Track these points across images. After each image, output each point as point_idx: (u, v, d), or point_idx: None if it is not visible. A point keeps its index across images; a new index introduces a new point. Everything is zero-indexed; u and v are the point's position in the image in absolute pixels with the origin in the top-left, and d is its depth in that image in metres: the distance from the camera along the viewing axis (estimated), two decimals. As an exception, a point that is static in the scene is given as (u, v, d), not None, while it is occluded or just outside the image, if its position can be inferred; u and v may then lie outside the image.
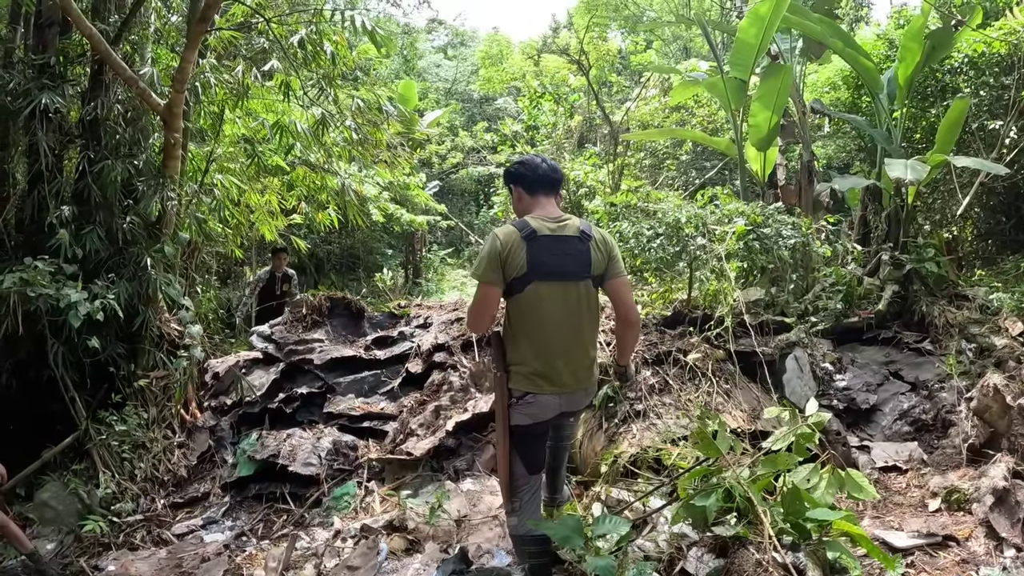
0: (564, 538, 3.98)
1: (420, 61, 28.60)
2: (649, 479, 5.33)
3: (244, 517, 6.55)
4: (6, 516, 5.97)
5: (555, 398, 3.90)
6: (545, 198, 4.00)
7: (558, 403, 3.93)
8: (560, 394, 3.90)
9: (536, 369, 3.85)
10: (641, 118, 15.79)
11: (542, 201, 3.99)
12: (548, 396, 3.88)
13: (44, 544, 6.24)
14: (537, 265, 3.75)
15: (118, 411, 7.19)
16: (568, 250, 3.83)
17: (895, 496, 5.97)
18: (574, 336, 3.90)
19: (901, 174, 8.52)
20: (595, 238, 3.94)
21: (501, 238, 3.80)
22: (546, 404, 3.90)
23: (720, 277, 7.22)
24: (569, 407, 4.04)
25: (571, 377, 3.92)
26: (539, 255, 3.75)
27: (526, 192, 4.02)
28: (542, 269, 3.76)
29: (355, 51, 10.10)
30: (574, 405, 4.09)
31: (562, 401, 3.94)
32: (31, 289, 6.41)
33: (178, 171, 7.67)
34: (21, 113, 7.29)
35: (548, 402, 3.90)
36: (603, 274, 3.96)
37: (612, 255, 4.01)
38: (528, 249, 3.75)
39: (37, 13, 7.79)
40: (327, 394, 7.84)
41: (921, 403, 7.25)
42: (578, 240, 3.87)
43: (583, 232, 3.91)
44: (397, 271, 17.19)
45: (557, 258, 3.80)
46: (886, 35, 13.62)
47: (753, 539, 4.03)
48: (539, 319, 3.81)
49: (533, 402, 3.88)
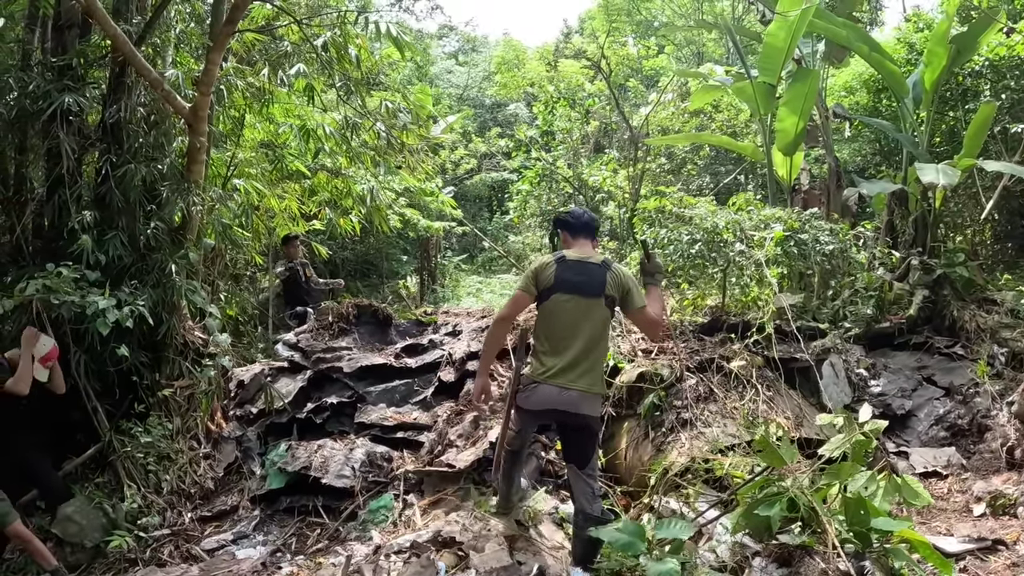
0: (626, 544, 4.23)
1: (432, 67, 28.52)
2: (700, 490, 5.23)
3: (276, 531, 6.36)
4: (30, 532, 5.82)
5: (552, 389, 4.67)
6: (584, 240, 5.02)
7: (556, 395, 4.67)
8: (558, 387, 4.66)
9: (544, 362, 4.75)
10: (660, 122, 15.65)
11: (581, 242, 5.00)
12: (546, 387, 4.69)
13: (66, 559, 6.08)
14: (561, 281, 4.75)
15: (142, 421, 7.04)
16: (588, 272, 4.78)
17: (938, 502, 6.00)
18: (581, 341, 4.70)
19: (933, 178, 8.45)
20: (614, 269, 4.83)
21: (539, 262, 4.96)
22: (544, 394, 4.71)
23: (760, 283, 7.12)
24: (565, 405, 4.67)
25: (571, 374, 4.67)
26: (564, 274, 4.77)
27: (570, 236, 5.05)
28: (564, 285, 4.74)
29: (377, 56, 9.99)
30: (570, 405, 4.67)
31: (559, 395, 4.66)
32: (55, 296, 6.26)
33: (202, 175, 7.54)
34: (40, 116, 7.14)
35: (546, 392, 4.70)
36: (619, 299, 4.79)
37: (628, 288, 4.80)
38: (556, 268, 4.79)
39: (56, 15, 7.67)
40: (357, 404, 7.65)
41: (956, 408, 7.25)
42: (598, 267, 4.81)
43: (604, 261, 4.89)
44: (412, 277, 17.08)
45: (579, 277, 4.76)
46: (905, 38, 13.51)
47: (818, 548, 4.11)
48: (555, 323, 4.76)
49: (535, 390, 4.76)
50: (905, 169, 10.33)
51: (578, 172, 15.43)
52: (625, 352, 7.03)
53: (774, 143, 10.72)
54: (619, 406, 6.60)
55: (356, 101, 8.73)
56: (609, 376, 6.75)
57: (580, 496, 4.78)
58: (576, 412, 4.69)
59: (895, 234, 10.24)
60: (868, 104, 13.87)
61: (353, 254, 15.83)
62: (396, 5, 23.07)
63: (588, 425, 4.79)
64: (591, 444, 4.87)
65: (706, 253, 7.26)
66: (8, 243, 7.56)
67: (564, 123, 16.92)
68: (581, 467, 4.81)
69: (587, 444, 4.84)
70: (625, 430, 6.45)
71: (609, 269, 4.80)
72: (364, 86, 9.18)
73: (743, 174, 16.69)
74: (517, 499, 5.67)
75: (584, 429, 4.79)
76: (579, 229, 5.04)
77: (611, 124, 16.87)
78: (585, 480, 4.78)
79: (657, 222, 7.96)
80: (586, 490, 4.76)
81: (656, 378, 6.43)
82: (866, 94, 13.98)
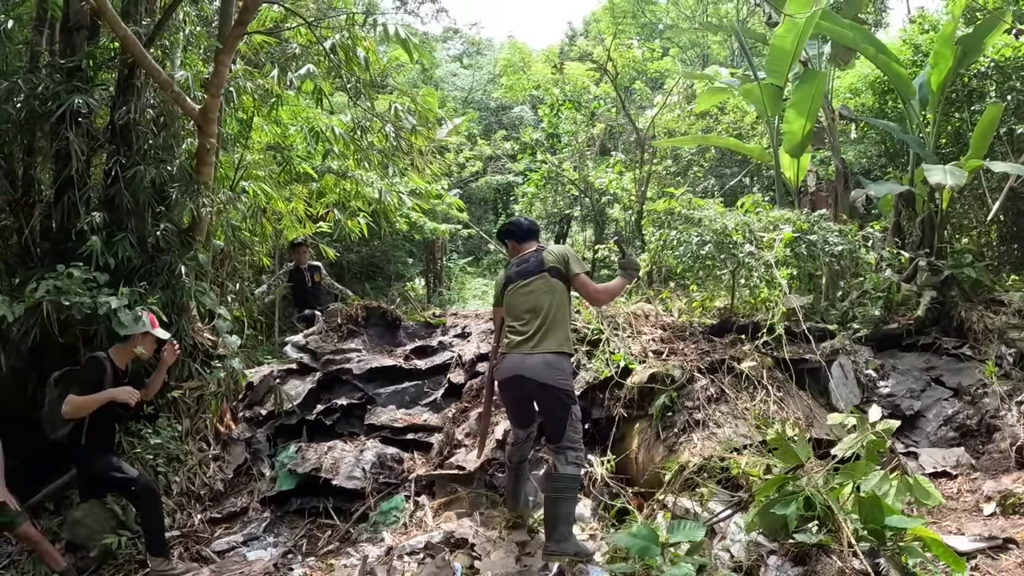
0: (641, 549, 4.28)
1: (436, 70, 28.51)
2: (713, 489, 5.25)
3: (286, 533, 6.34)
4: (39, 534, 5.81)
5: (517, 356, 5.25)
6: (529, 244, 5.73)
7: (520, 362, 5.21)
8: (521, 354, 5.22)
9: (510, 338, 5.39)
10: (666, 125, 15.65)
11: (525, 246, 5.71)
12: (511, 355, 5.31)
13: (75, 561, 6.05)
14: (509, 276, 5.60)
15: (151, 423, 7.02)
16: (527, 260, 5.54)
17: (948, 501, 6.01)
18: (535, 313, 5.28)
19: (941, 179, 8.46)
20: (548, 248, 5.59)
21: (497, 279, 5.94)
22: (509, 362, 5.31)
23: (770, 284, 7.13)
24: (530, 372, 5.14)
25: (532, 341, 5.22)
26: (510, 270, 5.63)
27: (517, 243, 5.78)
28: (512, 277, 5.56)
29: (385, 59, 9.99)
30: (534, 373, 5.13)
31: (523, 360, 5.19)
32: (65, 298, 6.25)
33: (211, 177, 7.53)
34: (49, 117, 7.14)
35: (511, 360, 5.30)
36: (563, 270, 5.40)
37: (566, 257, 5.49)
38: (505, 271, 5.72)
39: (64, 17, 7.66)
40: (367, 405, 7.66)
41: (964, 409, 7.28)
42: (534, 253, 5.57)
43: (538, 247, 5.64)
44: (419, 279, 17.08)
45: (520, 266, 5.55)
46: (911, 39, 13.50)
47: (834, 547, 4.16)
48: (513, 307, 5.45)
49: (503, 360, 5.45)
50: (912, 170, 10.33)
51: (584, 174, 15.43)
52: (636, 353, 7.03)
53: (781, 145, 10.72)
54: (630, 407, 6.60)
55: (365, 103, 8.73)
56: (620, 377, 6.80)
57: (554, 461, 5.15)
58: (541, 381, 5.13)
59: (902, 235, 10.24)
60: (874, 105, 13.86)
61: (359, 256, 15.81)
62: (401, 8, 23.12)
63: (555, 395, 5.11)
64: (562, 415, 5.15)
65: (715, 255, 7.26)
66: (16, 244, 7.55)
67: (569, 126, 16.93)
68: (555, 441, 5.19)
69: (557, 415, 5.17)
70: (636, 431, 6.44)
71: (544, 250, 5.57)
72: (372, 88, 9.18)
73: (748, 176, 16.68)
74: (526, 508, 5.81)
75: (554, 401, 5.17)
76: (523, 236, 5.77)
77: (617, 126, 16.87)
78: (556, 452, 5.14)
79: (667, 224, 7.96)
80: (559, 456, 5.10)
81: (667, 379, 6.42)
82: (872, 95, 13.97)
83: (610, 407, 6.74)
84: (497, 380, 5.57)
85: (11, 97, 7.08)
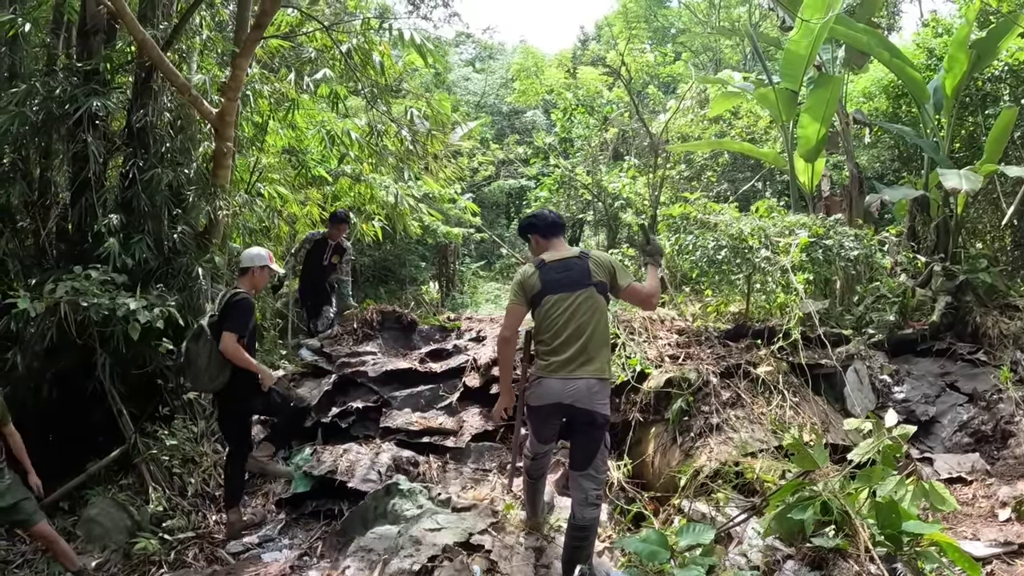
0: (650, 553, 4.27)
1: (449, 74, 28.57)
2: (729, 494, 5.24)
3: (301, 535, 6.34)
4: (55, 532, 5.83)
5: (557, 382, 4.78)
6: (556, 239, 5.18)
7: (560, 388, 4.76)
8: (562, 379, 4.76)
9: (546, 359, 4.86)
10: (679, 129, 15.64)
11: (554, 242, 5.16)
12: (551, 380, 4.80)
13: (89, 561, 6.07)
14: (548, 283, 4.91)
15: (166, 424, 7.06)
16: (571, 267, 4.94)
17: (963, 507, 5.98)
18: (578, 333, 4.80)
19: (956, 184, 8.42)
20: (593, 256, 5.05)
21: (521, 272, 5.12)
22: (549, 387, 4.80)
23: (786, 289, 7.11)
24: (571, 399, 4.74)
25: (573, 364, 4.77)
26: (548, 275, 4.93)
27: (541, 238, 5.20)
28: (552, 285, 4.90)
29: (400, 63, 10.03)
30: (576, 399, 4.74)
31: (564, 386, 4.75)
32: (83, 299, 6.28)
33: (228, 180, 7.57)
34: (66, 120, 7.19)
35: (550, 386, 4.80)
36: (608, 283, 4.96)
37: (612, 269, 5.01)
38: (539, 273, 4.94)
39: (81, 20, 7.72)
40: (382, 408, 7.67)
41: (979, 414, 7.23)
42: (578, 259, 4.98)
43: (582, 253, 5.06)
44: (433, 283, 17.10)
45: (563, 274, 4.92)
46: (924, 43, 13.45)
47: (851, 551, 4.13)
48: (550, 322, 4.87)
49: (540, 384, 4.87)
50: (926, 175, 10.28)
51: (597, 179, 15.43)
52: (652, 358, 7.02)
53: (795, 149, 10.70)
54: (646, 411, 6.60)
55: (381, 107, 8.76)
56: (636, 381, 6.79)
57: (574, 501, 4.84)
58: (582, 407, 4.76)
59: (917, 240, 10.20)
60: (887, 110, 13.79)
61: (372, 259, 15.83)
62: (414, 12, 23.16)
63: (594, 421, 4.80)
64: (595, 443, 4.86)
65: (731, 259, 7.25)
66: (32, 246, 7.61)
67: (582, 130, 16.94)
68: (581, 469, 4.86)
69: (591, 443, 4.86)
70: (653, 435, 6.44)
71: (589, 257, 5.01)
72: (388, 92, 9.22)
73: (761, 181, 16.65)
74: (542, 517, 5.66)
75: (590, 425, 4.82)
76: (548, 230, 5.20)
77: (630, 131, 16.87)
78: (581, 484, 4.83)
79: (682, 228, 7.96)
80: (579, 495, 4.81)
81: (684, 383, 6.42)
82: (885, 100, 13.90)
83: (626, 411, 6.73)
84: (533, 405, 5.01)
85: (28, 100, 7.14)
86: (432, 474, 6.69)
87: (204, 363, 6.03)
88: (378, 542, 5.45)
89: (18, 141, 7.31)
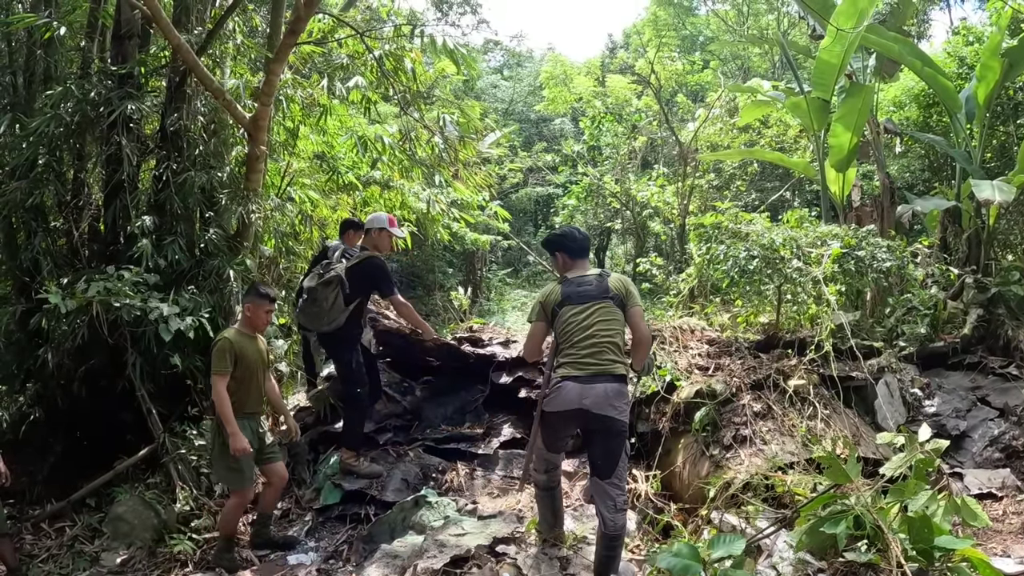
0: (683, 568, 4.12)
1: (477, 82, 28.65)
2: (759, 507, 5.20)
3: (327, 538, 6.34)
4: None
5: (575, 387, 4.83)
6: (581, 260, 5.28)
7: (579, 393, 4.81)
8: (580, 383, 4.83)
9: (565, 365, 4.95)
10: (708, 138, 15.59)
11: (579, 264, 5.26)
12: (569, 384, 4.85)
13: (114, 557, 6.10)
14: (568, 295, 5.08)
15: (195, 425, 7.09)
16: (590, 282, 5.11)
17: (994, 523, 5.90)
18: (596, 339, 4.92)
19: (990, 195, 8.34)
20: (612, 275, 5.23)
21: (542, 292, 5.40)
22: (567, 392, 4.84)
23: (818, 300, 7.05)
24: (589, 405, 4.77)
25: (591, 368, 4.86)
26: (569, 288, 5.10)
27: (569, 258, 5.27)
28: (572, 297, 5.06)
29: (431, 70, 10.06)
30: (594, 405, 4.77)
31: (583, 391, 4.80)
32: (116, 299, 6.33)
33: (260, 184, 7.61)
34: (101, 122, 7.26)
35: (569, 391, 4.84)
36: (624, 298, 5.07)
37: (628, 288, 5.17)
38: (561, 287, 5.14)
39: (116, 25, 7.79)
40: (409, 414, 7.68)
41: (1011, 429, 7.14)
42: (598, 276, 5.15)
43: (601, 272, 5.23)
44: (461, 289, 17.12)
45: (583, 288, 5.07)
46: (955, 52, 13.34)
47: (883, 566, 4.11)
48: (569, 331, 4.99)
49: (558, 389, 4.91)
50: (958, 185, 10.18)
51: (625, 187, 15.40)
52: (682, 368, 6.97)
53: (827, 159, 10.63)
54: (676, 422, 6.54)
55: (414, 113, 8.78)
56: (666, 392, 6.75)
57: (601, 509, 4.81)
58: (599, 412, 4.79)
59: (948, 251, 10.09)
60: (918, 119, 13.68)
61: (400, 265, 15.92)
62: (442, 20, 23.23)
63: (610, 428, 4.81)
64: (616, 449, 4.86)
65: (762, 269, 7.20)
66: (65, 245, 7.67)
67: (611, 138, 16.92)
68: (605, 477, 4.84)
69: (612, 450, 4.86)
70: (682, 446, 6.38)
71: (609, 275, 5.20)
72: (421, 99, 9.24)
73: (790, 190, 16.56)
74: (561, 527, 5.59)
75: (607, 433, 4.84)
76: (577, 252, 5.28)
77: (659, 139, 16.84)
78: (607, 491, 4.80)
79: (714, 238, 7.91)
80: (608, 502, 4.78)
81: (713, 395, 6.37)
82: (916, 109, 13.78)
83: (656, 422, 6.70)
84: (550, 411, 5.03)
85: (63, 102, 7.21)
86: (460, 481, 6.69)
87: (328, 306, 6.60)
88: (403, 549, 5.45)
89: (52, 143, 7.37)
